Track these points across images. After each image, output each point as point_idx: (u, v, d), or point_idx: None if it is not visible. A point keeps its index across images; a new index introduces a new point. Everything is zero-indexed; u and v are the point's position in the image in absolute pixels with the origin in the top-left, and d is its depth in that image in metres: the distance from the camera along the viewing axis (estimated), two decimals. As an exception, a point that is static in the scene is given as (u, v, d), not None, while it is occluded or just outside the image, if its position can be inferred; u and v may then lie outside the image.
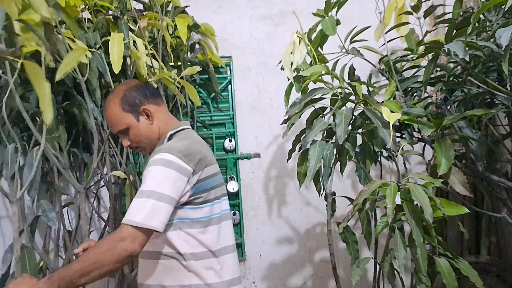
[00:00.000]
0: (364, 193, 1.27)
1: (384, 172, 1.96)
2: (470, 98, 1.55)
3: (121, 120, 1.23)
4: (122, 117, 1.22)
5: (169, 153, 1.10)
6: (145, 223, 1.02)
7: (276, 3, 2.31)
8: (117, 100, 1.23)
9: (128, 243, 1.01)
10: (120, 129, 1.24)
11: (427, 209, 1.15)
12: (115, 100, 1.23)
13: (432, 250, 1.36)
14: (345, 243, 1.60)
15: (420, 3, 1.85)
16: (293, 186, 2.27)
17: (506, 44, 1.15)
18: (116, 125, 1.24)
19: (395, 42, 1.94)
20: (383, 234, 1.42)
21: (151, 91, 1.28)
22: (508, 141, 1.81)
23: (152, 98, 1.26)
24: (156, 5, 1.79)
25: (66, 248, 1.86)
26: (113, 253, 1.01)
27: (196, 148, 1.17)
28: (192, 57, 2.16)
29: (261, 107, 2.29)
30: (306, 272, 2.26)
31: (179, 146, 1.14)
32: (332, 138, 1.56)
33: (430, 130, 1.34)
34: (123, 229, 1.02)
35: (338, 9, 1.65)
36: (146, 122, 1.24)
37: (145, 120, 1.24)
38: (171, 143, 1.17)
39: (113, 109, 1.23)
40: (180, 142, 1.16)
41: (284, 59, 1.60)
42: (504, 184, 1.54)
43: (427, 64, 1.48)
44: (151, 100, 1.25)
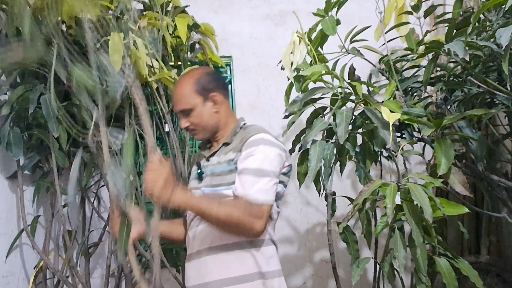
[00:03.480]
0: (364, 193, 1.27)
1: (384, 172, 1.96)
2: (470, 98, 1.55)
3: (189, 99, 1.26)
4: (192, 97, 1.26)
5: (266, 133, 1.22)
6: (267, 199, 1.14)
7: (276, 3, 2.31)
8: (192, 80, 1.27)
9: (262, 222, 1.13)
10: (184, 108, 1.26)
11: (427, 209, 1.15)
12: (190, 80, 1.28)
13: (432, 250, 1.35)
14: (345, 243, 1.60)
15: (420, 3, 1.84)
16: (293, 186, 2.26)
17: (506, 44, 1.15)
18: (181, 103, 1.27)
19: (395, 42, 1.94)
20: (383, 234, 1.42)
21: (224, 83, 1.35)
22: (508, 141, 1.80)
23: (224, 89, 1.32)
24: (156, 5, 1.79)
25: (66, 248, 1.86)
26: (249, 227, 1.11)
27: None
28: (192, 57, 2.16)
29: (261, 107, 2.28)
30: (306, 272, 2.26)
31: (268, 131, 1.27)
32: (332, 138, 1.56)
33: (430, 130, 1.34)
34: (259, 207, 1.12)
35: (338, 9, 1.65)
36: (211, 108, 1.28)
37: (211, 107, 1.28)
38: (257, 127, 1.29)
39: (185, 87, 1.27)
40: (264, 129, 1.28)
41: (284, 59, 1.60)
42: (504, 184, 1.54)
43: (427, 64, 1.48)
44: (222, 91, 1.30)
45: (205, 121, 1.28)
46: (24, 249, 1.80)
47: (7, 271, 1.67)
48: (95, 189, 2.02)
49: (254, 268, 1.16)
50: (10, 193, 1.77)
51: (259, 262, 1.17)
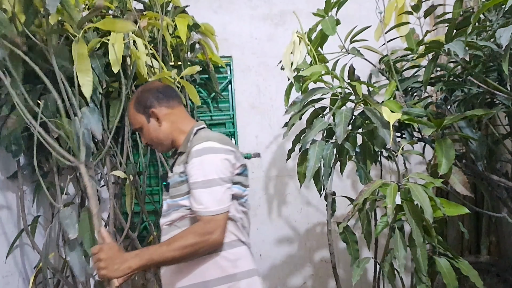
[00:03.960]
0: (364, 193, 1.27)
1: (384, 172, 1.96)
2: (470, 98, 1.55)
3: (135, 119, 1.33)
4: (136, 117, 1.32)
5: (210, 140, 1.17)
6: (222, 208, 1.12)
7: (276, 3, 2.31)
8: (133, 100, 1.33)
9: (219, 233, 1.11)
10: (135, 127, 1.34)
11: (427, 209, 1.15)
12: (132, 101, 1.34)
13: (432, 250, 1.36)
14: (345, 243, 1.60)
15: (420, 3, 1.85)
16: (293, 186, 2.27)
17: (506, 44, 1.15)
18: (132, 124, 1.36)
19: (395, 42, 1.94)
20: (383, 234, 1.42)
21: (166, 94, 1.32)
22: (508, 141, 1.81)
23: (165, 101, 1.31)
24: (156, 5, 1.79)
25: (66, 248, 1.86)
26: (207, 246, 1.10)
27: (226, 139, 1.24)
28: (192, 57, 2.16)
29: (261, 107, 2.29)
30: (306, 272, 2.26)
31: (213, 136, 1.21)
32: (332, 138, 1.56)
33: (431, 130, 1.34)
34: (212, 221, 1.11)
35: (338, 9, 1.65)
36: (155, 123, 1.30)
37: (155, 122, 1.30)
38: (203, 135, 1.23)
39: (130, 109, 1.34)
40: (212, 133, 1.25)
41: (284, 59, 1.60)
42: (504, 184, 1.54)
43: (427, 64, 1.48)
44: (162, 103, 1.30)
45: (155, 137, 1.31)
46: (24, 249, 1.80)
47: (7, 271, 1.67)
48: (95, 189, 2.02)
49: (217, 273, 1.16)
50: (10, 193, 1.77)
51: (222, 266, 1.16)
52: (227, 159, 1.17)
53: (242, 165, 1.23)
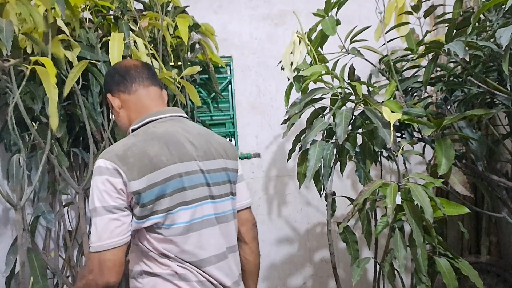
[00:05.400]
0: (364, 193, 1.27)
1: (384, 172, 1.96)
2: (470, 98, 1.55)
3: (108, 102, 1.17)
4: (107, 100, 1.17)
5: (102, 158, 0.96)
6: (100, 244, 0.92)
7: (276, 3, 2.31)
8: None
9: (97, 274, 0.93)
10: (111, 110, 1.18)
11: (427, 209, 1.15)
12: None
13: (432, 250, 1.36)
14: (345, 243, 1.60)
15: (420, 3, 1.85)
16: (293, 186, 2.28)
17: (506, 44, 1.15)
18: None
19: (395, 42, 1.94)
20: (383, 234, 1.42)
21: (124, 76, 1.12)
22: (508, 141, 1.81)
23: (122, 85, 1.11)
24: (157, 5, 1.79)
25: (66, 247, 1.86)
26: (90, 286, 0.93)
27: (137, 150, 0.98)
28: (192, 57, 2.16)
29: (261, 107, 2.29)
30: (306, 272, 2.26)
31: (117, 147, 0.99)
32: (332, 138, 1.56)
33: (430, 130, 1.34)
34: (88, 259, 0.94)
35: (338, 9, 1.65)
36: (115, 111, 1.14)
37: (114, 109, 1.14)
38: (115, 143, 1.04)
39: None
40: (122, 142, 1.02)
41: (284, 59, 1.60)
42: (504, 184, 1.54)
43: (427, 64, 1.48)
44: (120, 88, 1.12)
45: (118, 122, 1.16)
46: (24, 249, 1.80)
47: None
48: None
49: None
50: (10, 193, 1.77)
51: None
52: (111, 182, 0.93)
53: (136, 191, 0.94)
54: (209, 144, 1.10)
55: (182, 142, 1.05)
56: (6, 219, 1.76)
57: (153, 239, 0.99)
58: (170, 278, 0.99)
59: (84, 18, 1.72)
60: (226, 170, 1.12)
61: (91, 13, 1.75)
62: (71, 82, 1.43)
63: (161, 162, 0.98)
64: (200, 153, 1.06)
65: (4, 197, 1.31)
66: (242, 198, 1.21)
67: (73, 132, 1.76)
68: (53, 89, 1.24)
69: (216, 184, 1.08)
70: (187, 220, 1.00)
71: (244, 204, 1.22)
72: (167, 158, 0.99)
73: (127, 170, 0.94)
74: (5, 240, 1.80)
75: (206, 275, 1.03)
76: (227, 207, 1.12)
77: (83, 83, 1.64)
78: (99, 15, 1.75)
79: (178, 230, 0.99)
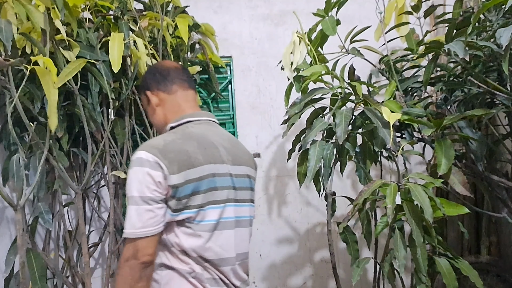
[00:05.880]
0: (364, 193, 1.27)
1: (384, 172, 1.96)
2: (470, 98, 1.55)
3: (142, 101, 1.24)
4: (142, 99, 1.24)
5: (144, 150, 1.00)
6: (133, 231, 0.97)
7: (276, 3, 2.31)
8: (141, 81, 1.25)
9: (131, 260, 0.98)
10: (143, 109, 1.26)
11: (427, 209, 1.15)
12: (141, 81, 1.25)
13: (432, 250, 1.36)
14: (345, 243, 1.60)
15: (420, 3, 1.85)
16: (293, 186, 2.28)
17: (506, 44, 1.15)
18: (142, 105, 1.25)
19: (395, 42, 1.94)
20: (383, 234, 1.42)
21: (165, 76, 1.18)
22: (508, 141, 1.81)
23: (162, 84, 1.17)
24: (157, 5, 1.79)
25: (66, 248, 1.86)
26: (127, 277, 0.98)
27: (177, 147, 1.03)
28: (192, 57, 2.16)
29: (261, 107, 2.29)
30: (306, 272, 2.26)
31: (158, 142, 1.04)
32: (332, 138, 1.56)
33: (430, 130, 1.34)
34: (128, 244, 0.99)
35: (338, 9, 1.65)
36: (151, 108, 1.20)
37: (151, 106, 1.19)
38: (155, 138, 1.09)
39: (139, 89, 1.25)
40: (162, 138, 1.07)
41: (284, 59, 1.60)
42: (504, 184, 1.54)
43: (427, 64, 1.48)
44: (160, 87, 1.17)
45: (153, 122, 1.21)
46: (24, 249, 1.80)
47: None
48: (95, 189, 2.02)
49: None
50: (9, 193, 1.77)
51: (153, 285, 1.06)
52: (151, 175, 0.97)
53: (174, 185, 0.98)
54: (237, 150, 1.16)
55: (216, 145, 1.10)
56: (5, 219, 1.76)
57: (182, 233, 1.03)
58: (186, 275, 1.03)
59: (84, 18, 1.72)
60: (249, 177, 1.19)
61: (91, 13, 1.75)
62: (64, 78, 1.39)
63: (197, 161, 1.03)
64: (230, 158, 1.12)
65: (4, 198, 1.31)
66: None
67: (73, 132, 1.76)
68: (53, 89, 1.25)
69: (241, 188, 1.14)
70: (216, 218, 1.05)
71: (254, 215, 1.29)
72: (203, 157, 1.05)
73: (168, 164, 0.98)
74: (5, 240, 1.81)
75: (221, 274, 1.07)
76: (246, 212, 1.16)
77: (82, 83, 1.64)
78: (99, 15, 1.75)
79: (207, 227, 1.04)
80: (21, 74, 1.55)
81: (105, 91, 1.65)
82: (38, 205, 1.60)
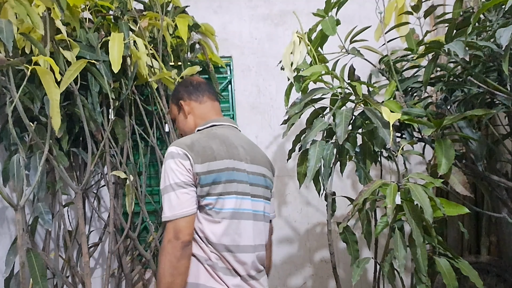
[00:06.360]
0: (364, 193, 1.27)
1: (384, 172, 1.96)
2: (470, 98, 1.55)
3: (171, 110, 1.43)
4: (172, 108, 1.42)
5: (174, 145, 1.18)
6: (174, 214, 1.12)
7: (276, 3, 2.31)
8: (172, 92, 1.43)
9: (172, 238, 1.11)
10: (171, 118, 1.44)
11: (427, 209, 1.15)
12: (172, 92, 1.44)
13: (432, 250, 1.36)
14: (345, 243, 1.60)
15: (420, 3, 1.85)
16: (293, 186, 2.28)
17: (506, 44, 1.15)
18: (170, 114, 1.45)
19: (395, 42, 1.94)
20: (383, 234, 1.42)
21: (197, 87, 1.38)
22: (508, 141, 1.81)
23: (194, 95, 1.36)
24: (156, 5, 1.79)
25: (66, 248, 1.86)
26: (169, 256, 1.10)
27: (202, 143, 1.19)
28: (192, 57, 2.16)
29: (261, 107, 2.29)
30: (306, 272, 2.26)
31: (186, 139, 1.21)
32: (332, 138, 1.56)
33: (430, 130, 1.34)
34: (166, 229, 1.13)
35: (338, 9, 1.65)
36: (183, 116, 1.37)
37: (183, 114, 1.37)
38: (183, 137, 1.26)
39: (170, 100, 1.43)
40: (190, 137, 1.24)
41: (284, 59, 1.60)
42: (504, 184, 1.54)
43: (427, 64, 1.48)
44: (192, 97, 1.36)
45: (181, 127, 1.38)
46: (24, 249, 1.80)
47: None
48: (95, 189, 2.02)
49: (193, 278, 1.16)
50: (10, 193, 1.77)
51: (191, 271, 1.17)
52: (178, 163, 1.14)
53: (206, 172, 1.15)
54: (255, 152, 1.32)
55: (236, 145, 1.26)
56: (5, 219, 1.76)
57: (204, 220, 1.16)
58: (203, 262, 1.16)
59: (84, 18, 1.72)
60: (265, 176, 1.32)
61: (91, 13, 1.75)
62: (68, 80, 1.43)
63: (219, 155, 1.18)
64: (248, 157, 1.27)
65: (4, 197, 1.31)
66: (272, 209, 1.40)
67: (73, 132, 1.76)
68: (54, 89, 1.25)
69: (255, 185, 1.27)
70: (233, 207, 1.18)
71: (273, 216, 1.41)
72: (225, 153, 1.20)
73: (194, 155, 1.15)
74: (5, 240, 1.81)
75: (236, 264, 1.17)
76: (261, 207, 1.28)
77: (82, 83, 1.64)
78: (99, 15, 1.75)
79: (226, 214, 1.17)
80: (21, 74, 1.55)
81: (105, 91, 1.65)
82: (38, 205, 1.60)
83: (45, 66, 1.30)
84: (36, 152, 1.53)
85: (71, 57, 1.54)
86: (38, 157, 1.50)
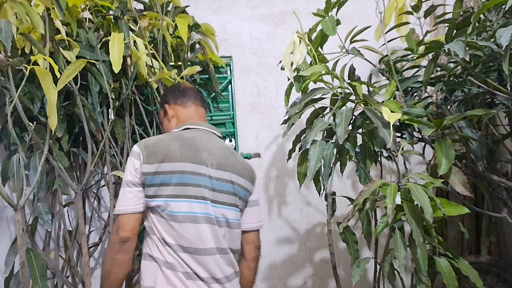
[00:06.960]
0: (364, 193, 1.27)
1: (384, 172, 1.96)
2: (470, 98, 1.55)
3: (159, 113, 1.47)
4: (159, 111, 1.46)
5: (137, 144, 1.23)
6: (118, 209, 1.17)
7: (276, 3, 2.31)
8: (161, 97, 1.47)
9: (121, 231, 1.16)
10: (159, 121, 1.47)
11: (427, 209, 1.15)
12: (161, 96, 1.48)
13: (432, 250, 1.35)
14: (345, 243, 1.60)
15: (420, 3, 1.85)
16: (293, 186, 2.28)
17: (506, 44, 1.15)
18: (158, 117, 1.49)
19: (395, 42, 1.94)
20: (383, 234, 1.42)
21: (183, 93, 1.40)
22: (508, 141, 1.81)
23: (180, 100, 1.39)
24: (157, 5, 1.79)
25: (66, 248, 1.86)
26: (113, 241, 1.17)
27: (161, 144, 1.21)
28: (192, 57, 2.16)
29: (261, 107, 2.29)
30: (306, 272, 2.26)
31: (152, 139, 1.25)
32: (332, 138, 1.56)
33: (431, 130, 1.34)
34: (117, 221, 1.18)
35: (338, 9, 1.65)
36: (167, 119, 1.40)
37: (167, 117, 1.40)
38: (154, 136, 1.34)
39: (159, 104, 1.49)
40: (157, 136, 1.27)
41: (284, 59, 1.60)
42: (504, 184, 1.54)
43: (427, 64, 1.48)
44: (177, 102, 1.39)
45: (165, 130, 1.42)
46: (24, 249, 1.80)
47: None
48: (95, 189, 2.02)
49: None
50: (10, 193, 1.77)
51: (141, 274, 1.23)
52: (133, 162, 1.19)
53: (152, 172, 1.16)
54: (225, 159, 1.28)
55: (200, 149, 1.24)
56: (5, 219, 1.76)
57: (157, 221, 1.18)
58: (161, 264, 1.17)
59: (84, 18, 1.72)
60: (233, 183, 1.28)
61: (91, 13, 1.75)
62: (66, 79, 1.42)
63: (174, 157, 1.19)
64: (214, 162, 1.25)
65: (4, 198, 1.31)
66: (252, 220, 1.37)
67: (73, 132, 1.76)
68: (52, 89, 1.25)
69: (220, 191, 1.24)
70: (187, 210, 1.17)
71: (253, 227, 1.37)
72: (182, 156, 1.20)
73: (146, 155, 1.18)
74: (5, 240, 1.81)
75: (197, 267, 1.16)
76: (226, 214, 1.25)
77: (82, 83, 1.64)
78: (99, 15, 1.75)
79: (180, 217, 1.17)
80: (21, 74, 1.55)
81: (105, 91, 1.65)
82: (38, 205, 1.60)
83: (44, 66, 1.30)
84: (36, 152, 1.53)
85: (71, 57, 1.53)
86: (38, 157, 1.50)
